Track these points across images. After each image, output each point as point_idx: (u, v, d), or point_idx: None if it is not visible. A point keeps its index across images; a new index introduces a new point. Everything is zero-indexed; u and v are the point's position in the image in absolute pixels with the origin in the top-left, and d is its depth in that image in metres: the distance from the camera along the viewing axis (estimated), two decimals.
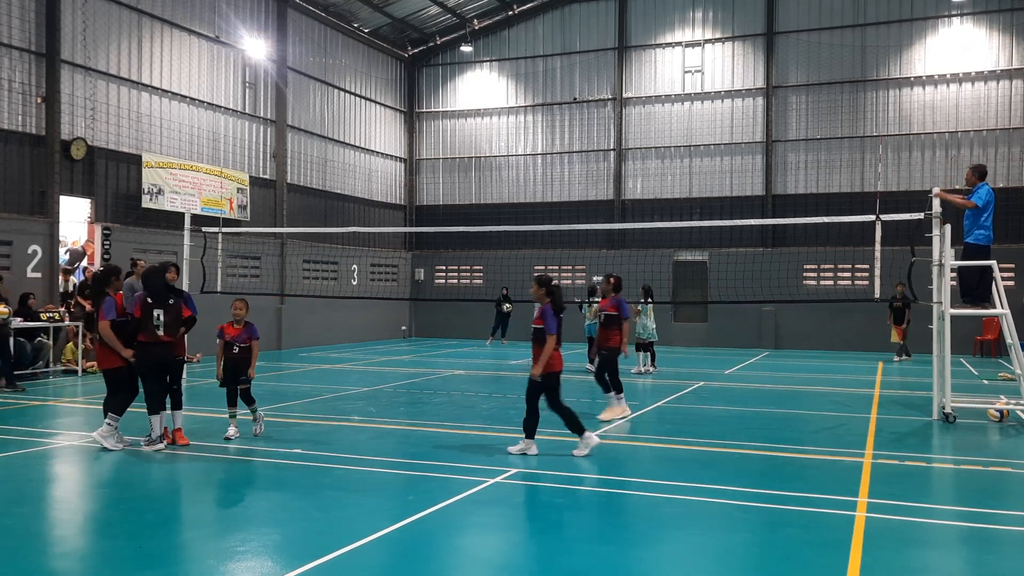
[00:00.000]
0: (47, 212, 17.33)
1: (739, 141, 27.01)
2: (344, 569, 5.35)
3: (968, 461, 8.90)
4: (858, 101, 25.85)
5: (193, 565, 5.44)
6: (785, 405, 13.38)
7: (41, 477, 8.10)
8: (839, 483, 7.78)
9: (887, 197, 23.12)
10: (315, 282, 25.59)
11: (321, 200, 26.39)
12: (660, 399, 13.62)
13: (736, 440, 10.01)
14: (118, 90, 19.22)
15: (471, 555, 5.83)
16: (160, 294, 9.09)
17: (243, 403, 9.81)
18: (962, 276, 11.93)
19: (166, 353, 9.10)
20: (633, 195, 28.13)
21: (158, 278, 9.25)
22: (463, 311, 28.02)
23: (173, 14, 20.69)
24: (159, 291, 9.11)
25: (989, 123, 24.59)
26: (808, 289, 25.20)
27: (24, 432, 10.07)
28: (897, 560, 5.60)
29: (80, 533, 6.33)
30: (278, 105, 24.37)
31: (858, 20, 25.81)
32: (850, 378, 17.08)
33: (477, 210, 29.71)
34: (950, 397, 11.28)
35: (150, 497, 7.10)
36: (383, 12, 27.67)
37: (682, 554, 5.79)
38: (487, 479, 7.79)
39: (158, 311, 8.98)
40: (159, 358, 9.04)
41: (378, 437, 10.14)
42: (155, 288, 9.13)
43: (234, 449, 9.15)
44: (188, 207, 19.25)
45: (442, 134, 30.98)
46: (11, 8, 16.88)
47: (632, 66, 28.31)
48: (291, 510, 6.81)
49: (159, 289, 9.13)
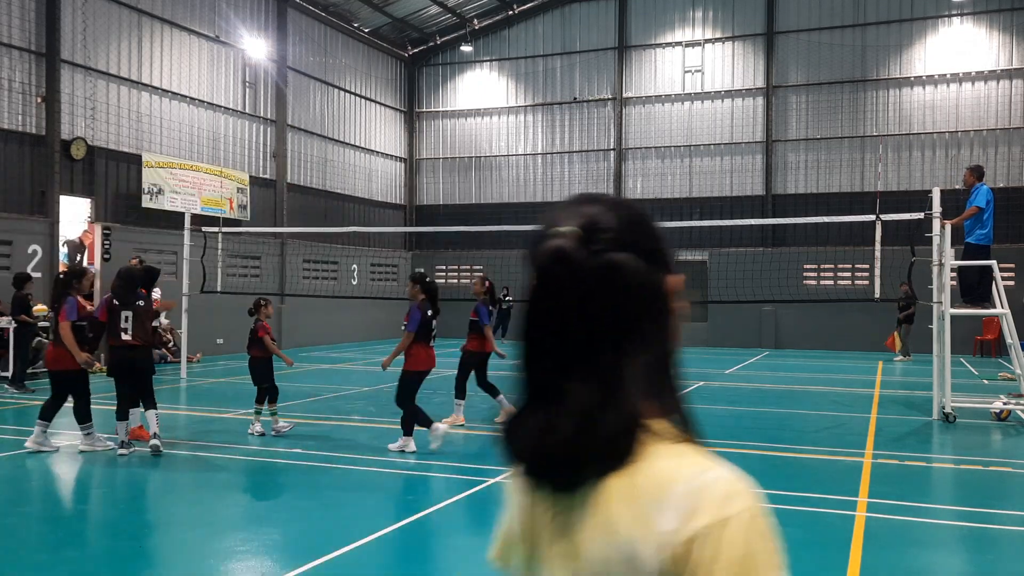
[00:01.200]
0: (47, 212, 17.32)
1: (739, 141, 27.01)
2: (344, 569, 5.35)
3: (968, 461, 8.91)
4: (858, 101, 25.84)
5: (193, 565, 5.44)
6: (785, 405, 13.38)
7: (41, 477, 8.10)
8: (839, 483, 7.78)
9: (887, 197, 23.09)
10: (315, 282, 25.59)
11: (321, 200, 26.39)
12: None
13: (736, 440, 10.01)
14: (118, 90, 19.22)
15: (471, 555, 5.83)
16: (126, 296, 8.93)
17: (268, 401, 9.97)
18: (962, 276, 11.93)
19: (134, 356, 8.88)
20: (633, 195, 28.10)
21: (126, 279, 9.11)
22: (463, 311, 27.93)
23: (173, 14, 20.68)
24: (125, 293, 8.96)
25: (989, 123, 24.58)
26: (808, 289, 25.20)
27: (24, 432, 10.05)
28: (897, 560, 5.61)
29: (80, 533, 6.33)
30: (278, 105, 24.37)
31: (858, 20, 25.81)
32: (850, 378, 17.08)
33: (477, 210, 29.71)
34: (950, 397, 11.28)
35: (150, 497, 7.10)
36: (383, 12, 27.66)
37: None
38: (487, 479, 7.79)
39: (125, 313, 8.85)
40: (127, 361, 8.86)
41: (378, 437, 10.14)
42: (121, 289, 9.00)
43: (234, 449, 9.15)
44: (188, 207, 19.26)
45: (442, 134, 30.98)
46: (11, 8, 16.88)
47: (632, 66, 28.30)
48: (291, 510, 6.81)
49: (126, 291, 8.98)
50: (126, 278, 9.11)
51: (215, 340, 20.86)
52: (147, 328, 9.07)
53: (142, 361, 8.92)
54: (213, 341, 20.76)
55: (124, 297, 8.87)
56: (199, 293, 16.87)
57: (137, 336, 8.78)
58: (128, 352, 8.79)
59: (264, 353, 9.92)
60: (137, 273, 9.65)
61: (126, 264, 10.98)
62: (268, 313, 10.21)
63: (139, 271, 10.01)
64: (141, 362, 8.89)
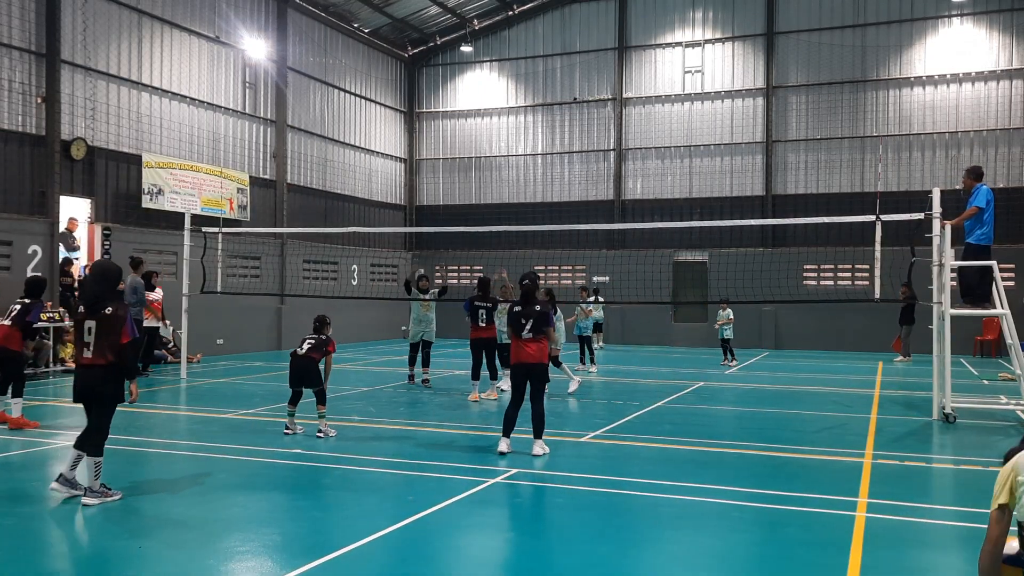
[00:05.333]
0: (47, 212, 17.32)
1: (739, 141, 27.00)
2: (344, 569, 5.34)
3: (968, 461, 8.90)
4: (858, 101, 25.84)
5: (193, 565, 5.44)
6: (785, 405, 13.38)
7: (41, 477, 8.10)
8: (839, 483, 7.78)
9: (887, 197, 23.10)
10: (315, 282, 25.59)
11: (321, 200, 26.39)
12: (660, 399, 13.61)
13: (736, 440, 10.01)
14: (118, 90, 19.21)
15: (471, 555, 5.83)
16: (92, 298, 7.04)
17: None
18: (962, 276, 11.92)
19: (91, 380, 6.93)
20: (633, 195, 28.12)
21: (97, 277, 7.27)
22: (463, 311, 27.93)
23: (173, 14, 20.68)
24: (91, 294, 7.10)
25: (989, 123, 24.58)
26: (808, 289, 25.20)
27: (24, 432, 10.06)
28: (897, 560, 5.60)
29: (80, 533, 6.32)
30: (278, 105, 24.37)
31: (858, 20, 25.81)
32: (850, 378, 17.08)
33: (477, 210, 29.71)
34: (950, 397, 11.28)
35: (150, 497, 7.09)
36: (383, 12, 27.66)
37: (682, 554, 5.78)
38: (487, 479, 7.79)
39: (89, 323, 6.95)
40: (80, 386, 7.02)
41: (378, 437, 10.14)
42: (88, 289, 7.30)
43: (234, 449, 9.15)
44: (188, 207, 19.26)
45: (442, 134, 30.98)
46: (11, 8, 16.88)
47: (632, 66, 28.30)
48: (291, 510, 6.81)
49: (94, 291, 7.12)
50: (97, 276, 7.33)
51: (215, 340, 20.87)
52: (115, 346, 6.96)
53: (104, 388, 6.98)
54: (213, 341, 20.77)
55: (88, 299, 7.12)
56: (199, 293, 16.84)
57: (98, 355, 6.93)
58: (83, 374, 7.05)
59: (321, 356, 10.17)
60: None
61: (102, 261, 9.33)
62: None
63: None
64: (103, 389, 6.98)
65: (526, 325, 8.94)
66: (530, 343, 8.95)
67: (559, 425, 8.98)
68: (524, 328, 8.95)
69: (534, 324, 8.93)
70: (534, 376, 8.98)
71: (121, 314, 6.90)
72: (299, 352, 10.21)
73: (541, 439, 8.90)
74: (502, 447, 8.88)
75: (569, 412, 12.42)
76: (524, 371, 8.97)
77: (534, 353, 8.95)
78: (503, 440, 8.95)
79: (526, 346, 8.94)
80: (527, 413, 8.97)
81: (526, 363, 8.94)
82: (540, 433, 8.91)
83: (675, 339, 26.92)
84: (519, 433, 9.07)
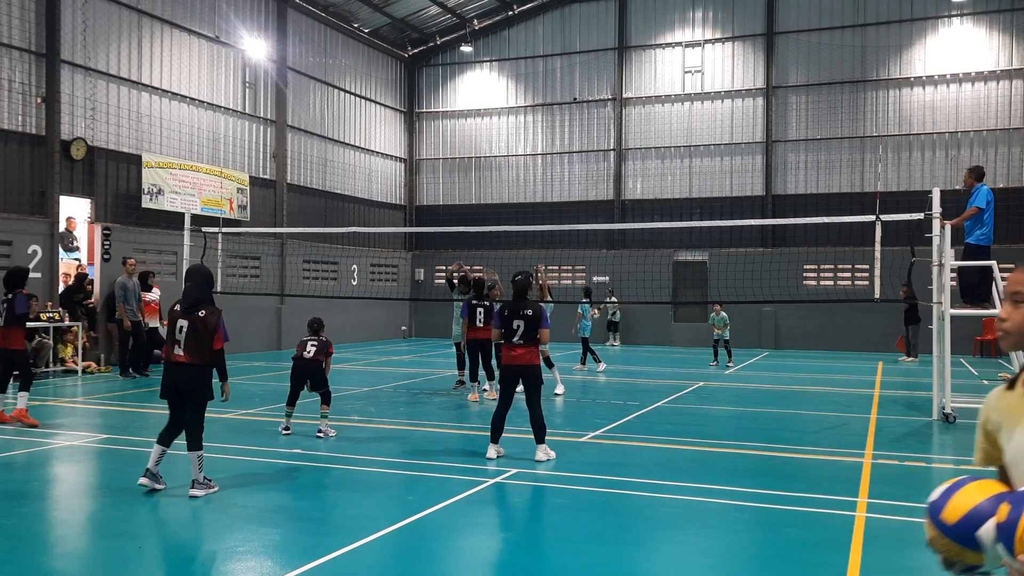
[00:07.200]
0: (47, 212, 17.32)
1: (739, 141, 27.00)
2: (344, 569, 5.34)
3: (968, 461, 8.89)
4: (858, 101, 25.84)
5: (193, 565, 5.44)
6: (785, 405, 13.38)
7: (41, 477, 8.10)
8: (839, 483, 7.78)
9: (887, 197, 23.10)
10: (315, 282, 25.59)
11: (321, 200, 26.39)
12: (660, 399, 13.61)
13: (736, 440, 10.01)
14: (118, 90, 19.21)
15: (471, 555, 5.83)
16: (193, 301, 7.28)
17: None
18: (962, 276, 11.93)
19: (181, 379, 7.27)
20: (633, 195, 28.12)
21: (200, 282, 7.38)
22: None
23: (173, 14, 20.68)
24: (192, 298, 7.29)
25: (989, 123, 24.58)
26: (808, 289, 25.20)
27: (24, 432, 10.06)
28: (897, 560, 5.60)
29: (80, 533, 6.32)
30: (278, 105, 24.37)
31: (858, 20, 25.81)
32: (850, 378, 17.08)
33: (477, 210, 29.70)
34: (950, 397, 11.28)
35: (149, 497, 7.09)
36: (383, 12, 27.66)
37: (682, 554, 5.78)
38: (487, 479, 7.79)
39: (182, 322, 7.25)
40: (170, 383, 7.35)
41: (378, 437, 10.14)
42: (190, 292, 7.35)
43: (234, 449, 9.15)
44: (188, 207, 19.24)
45: (442, 134, 30.98)
46: (11, 8, 16.87)
47: (632, 66, 28.30)
48: (291, 510, 6.81)
49: (195, 295, 7.29)
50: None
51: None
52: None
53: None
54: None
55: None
56: None
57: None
58: None
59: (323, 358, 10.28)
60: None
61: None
62: None
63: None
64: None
65: (517, 331, 8.63)
66: (520, 346, 8.67)
67: (559, 425, 8.98)
68: (515, 334, 8.64)
69: (524, 330, 8.59)
70: (525, 380, 8.64)
71: (213, 320, 7.13)
72: (306, 356, 10.17)
73: (544, 444, 8.63)
74: (491, 453, 8.62)
75: (569, 412, 12.43)
76: (514, 374, 8.67)
77: (525, 355, 8.62)
78: (492, 446, 8.68)
79: (516, 348, 8.65)
80: (520, 415, 8.95)
81: (516, 366, 8.63)
82: (542, 439, 8.61)
83: (675, 339, 26.92)
84: (516, 433, 9.07)
